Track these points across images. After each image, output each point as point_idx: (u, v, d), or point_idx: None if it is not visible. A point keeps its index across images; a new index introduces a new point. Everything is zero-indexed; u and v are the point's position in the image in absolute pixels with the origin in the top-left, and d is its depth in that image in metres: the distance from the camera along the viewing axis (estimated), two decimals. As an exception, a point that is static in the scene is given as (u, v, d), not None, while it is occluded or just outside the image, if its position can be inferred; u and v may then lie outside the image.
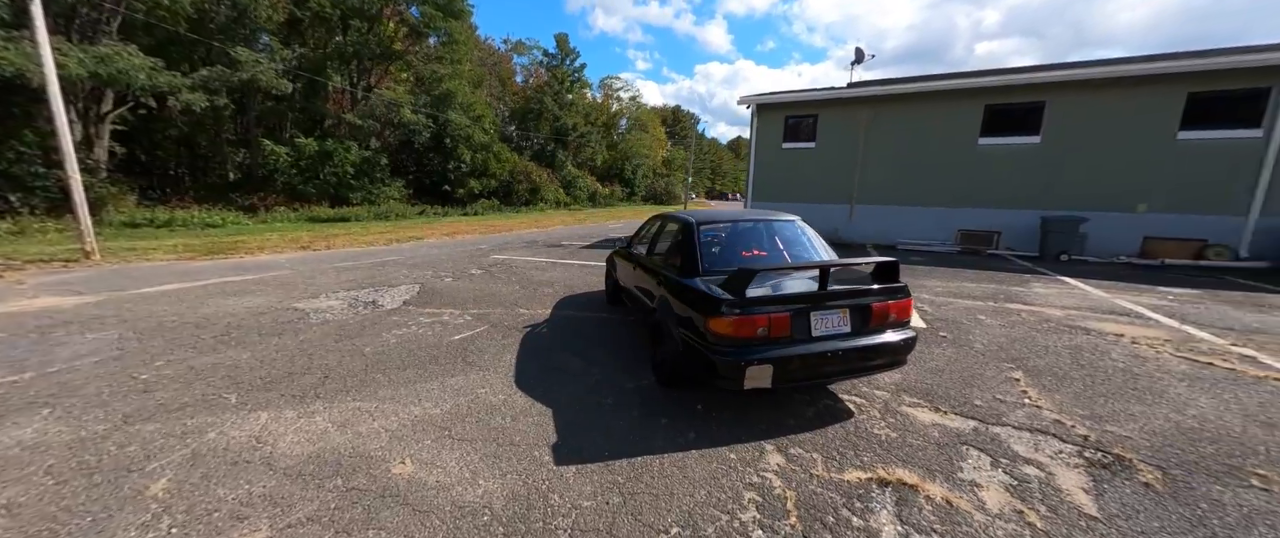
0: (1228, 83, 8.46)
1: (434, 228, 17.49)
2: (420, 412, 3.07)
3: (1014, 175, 9.99)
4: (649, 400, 3.22)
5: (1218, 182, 8.68)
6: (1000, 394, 3.28)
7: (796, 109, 11.81)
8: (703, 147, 70.01)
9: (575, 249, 11.45)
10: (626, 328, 4.89)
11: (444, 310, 5.59)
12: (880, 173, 11.17)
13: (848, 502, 2.18)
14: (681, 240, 3.58)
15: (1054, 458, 2.52)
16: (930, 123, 10.58)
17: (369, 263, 9.28)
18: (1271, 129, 8.22)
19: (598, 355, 4.10)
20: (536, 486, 2.31)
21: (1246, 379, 3.55)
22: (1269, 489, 2.24)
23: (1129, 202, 9.20)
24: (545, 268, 8.65)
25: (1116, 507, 2.14)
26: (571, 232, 16.57)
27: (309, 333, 4.72)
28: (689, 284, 3.09)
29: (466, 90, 26.57)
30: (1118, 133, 9.19)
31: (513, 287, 6.95)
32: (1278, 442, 2.67)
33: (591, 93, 42.33)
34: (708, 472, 2.41)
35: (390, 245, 12.47)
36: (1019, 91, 9.78)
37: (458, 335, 4.63)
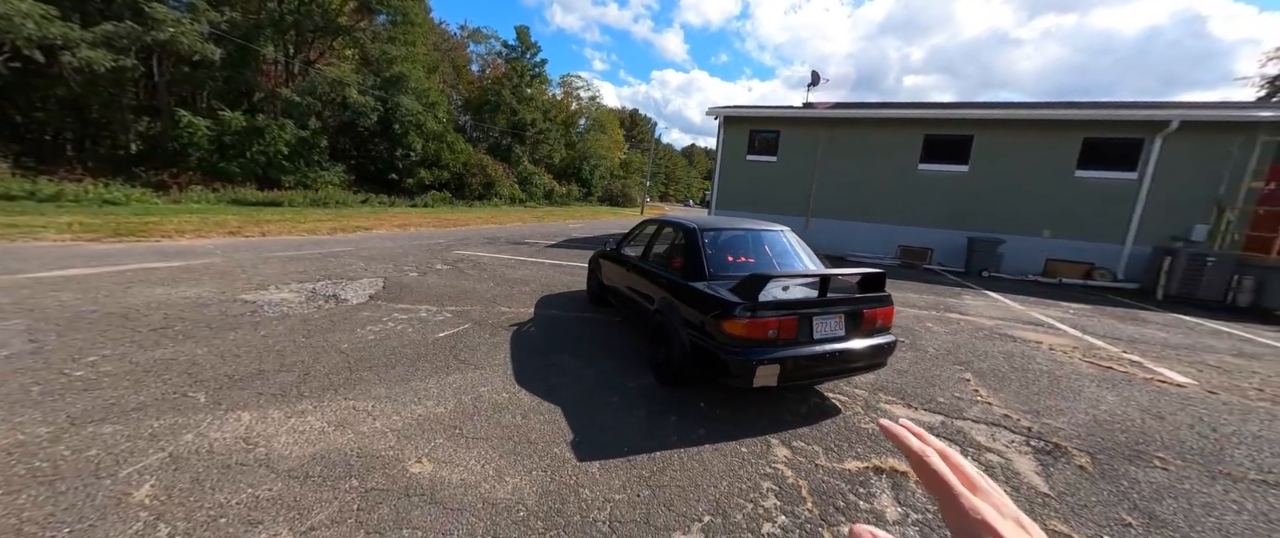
0: (1113, 132, 10.05)
1: (382, 219, 16.42)
2: (423, 411, 2.97)
3: (946, 199, 11.20)
4: (653, 399, 3.33)
5: (1102, 214, 10.27)
6: (957, 393, 3.74)
7: (761, 124, 12.45)
8: (658, 152, 71.08)
9: (542, 248, 11.28)
10: (615, 329, 4.96)
11: (419, 307, 5.35)
12: (834, 189, 12.05)
13: (852, 488, 2.42)
14: (685, 245, 3.73)
15: (1008, 447, 2.94)
16: (878, 147, 11.59)
17: (315, 253, 8.61)
18: (1144, 173, 9.87)
19: (593, 355, 4.14)
20: (565, 481, 2.35)
21: (1137, 381, 4.30)
22: (1167, 469, 2.78)
23: (1037, 227, 10.63)
24: (515, 266, 8.48)
25: (1062, 486, 2.55)
26: (532, 230, 16.25)
27: (269, 328, 4.35)
28: (698, 288, 3.24)
29: (420, 75, 25.17)
30: (1030, 167, 10.61)
31: (487, 284, 6.76)
32: (1167, 431, 3.28)
33: (551, 89, 41.65)
34: (725, 465, 2.57)
35: (334, 235, 11.60)
36: (952, 124, 10.99)
37: (442, 333, 4.48)
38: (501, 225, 17.44)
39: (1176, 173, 9.71)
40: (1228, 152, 9.41)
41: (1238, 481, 2.68)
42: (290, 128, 19.67)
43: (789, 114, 12.27)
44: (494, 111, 34.18)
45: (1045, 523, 2.22)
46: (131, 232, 9.33)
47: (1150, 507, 2.40)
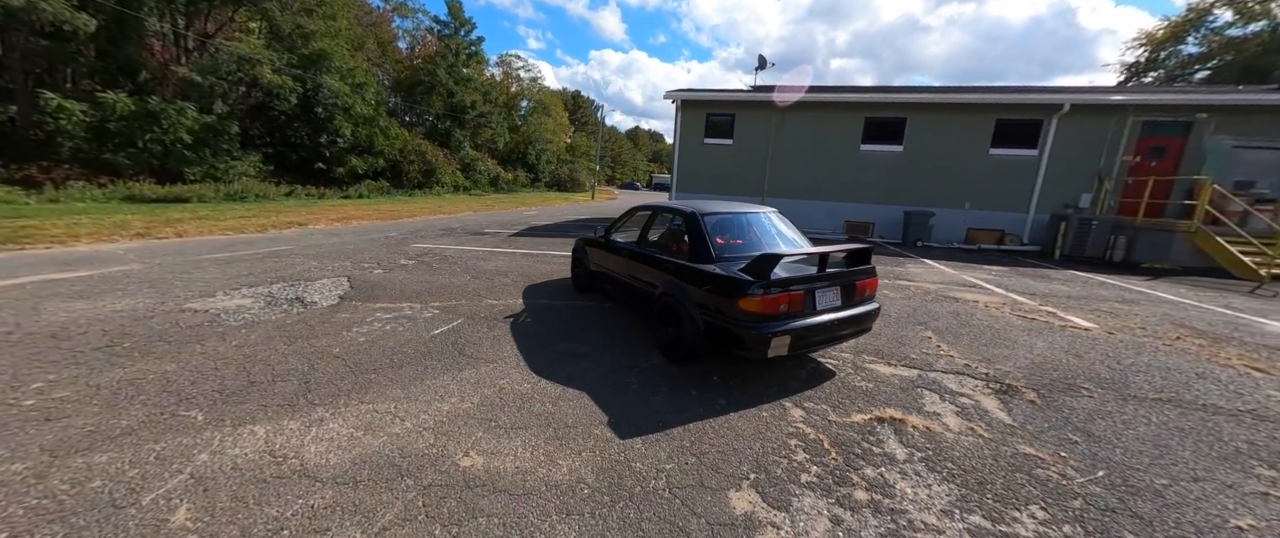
0: (1019, 114, 11.44)
1: (316, 213, 15.06)
2: (449, 408, 2.95)
3: (885, 176, 12.24)
4: (669, 377, 3.52)
5: (1011, 187, 11.74)
6: (924, 350, 4.27)
7: (717, 108, 12.77)
8: (603, 135, 70.18)
9: (505, 238, 10.98)
10: (610, 314, 5.06)
11: (401, 305, 5.13)
12: (786, 170, 12.73)
13: (864, 437, 2.77)
14: (688, 230, 3.90)
15: (974, 391, 3.46)
16: (825, 129, 12.35)
17: (252, 254, 7.86)
18: (1043, 150, 11.37)
19: (597, 340, 4.24)
20: (615, 458, 2.49)
21: (1055, 328, 5.12)
22: (1092, 397, 3.41)
23: (959, 200, 11.94)
24: (485, 257, 8.24)
25: (1021, 417, 3.07)
26: (486, 219, 15.67)
27: (239, 338, 4.02)
28: (709, 270, 3.44)
29: (345, 52, 22.92)
30: (954, 146, 11.83)
31: (463, 278, 6.56)
32: (1085, 367, 3.99)
33: (489, 70, 39.53)
34: (752, 429, 2.82)
35: (266, 233, 10.58)
36: (888, 108, 11.95)
37: (437, 330, 4.36)
38: (452, 216, 16.62)
39: (1067, 149, 11.28)
40: (1105, 130, 11.06)
41: (1142, 401, 3.37)
42: (192, 112, 17.28)
43: (743, 98, 12.69)
44: (428, 93, 31.99)
45: (1015, 448, 2.69)
46: (9, 238, 7.95)
47: (1087, 427, 2.97)
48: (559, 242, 10.51)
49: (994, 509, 2.18)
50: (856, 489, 2.29)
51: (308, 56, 21.16)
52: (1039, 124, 11.33)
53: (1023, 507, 2.20)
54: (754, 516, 2.10)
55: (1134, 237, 9.93)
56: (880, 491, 2.29)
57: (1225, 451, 2.74)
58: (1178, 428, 2.98)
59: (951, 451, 2.65)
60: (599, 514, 2.07)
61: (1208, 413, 3.20)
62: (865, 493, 2.26)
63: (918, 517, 2.11)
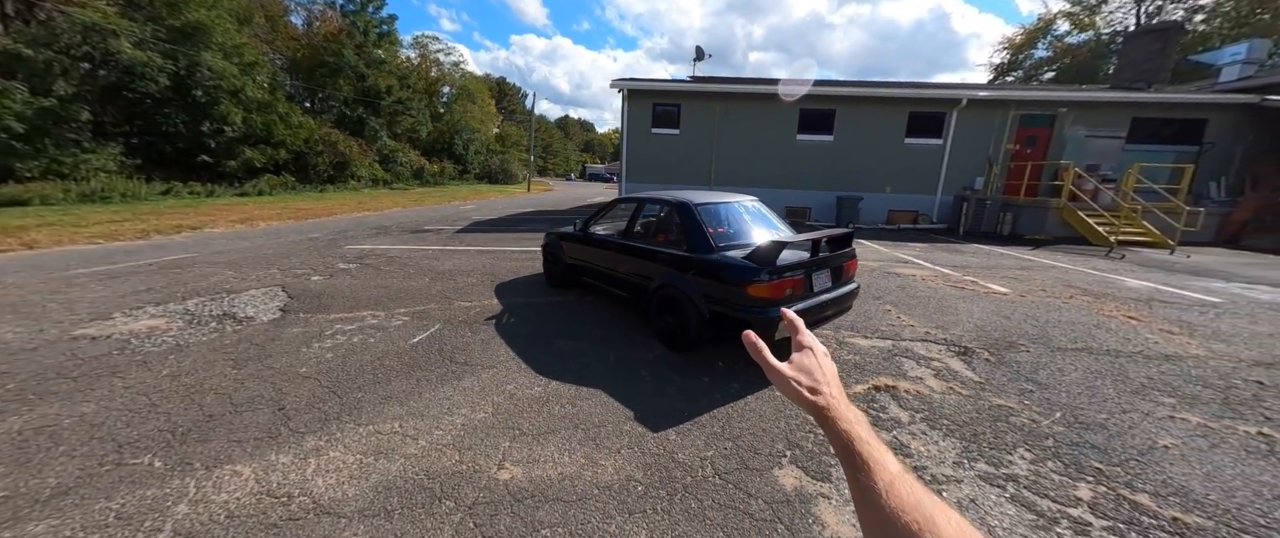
0: (927, 107, 12.86)
1: (210, 213, 13.00)
2: (463, 420, 2.76)
3: (819, 164, 13.19)
4: (677, 367, 3.56)
5: (922, 172, 13.22)
6: (889, 321, 4.73)
7: (663, 98, 12.86)
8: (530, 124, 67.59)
9: (451, 235, 10.28)
10: (594, 307, 4.98)
11: (360, 314, 4.64)
12: (731, 159, 13.22)
13: (869, 405, 3.03)
14: (681, 221, 3.93)
15: (940, 354, 3.91)
16: (765, 120, 12.99)
17: (141, 264, 6.70)
18: (946, 139, 12.91)
19: (593, 336, 4.17)
20: (655, 452, 2.49)
21: (981, 294, 5.91)
22: (1029, 351, 4.00)
23: (881, 185, 13.22)
24: (437, 257, 7.67)
25: (984, 374, 3.53)
26: (420, 215, 14.52)
27: (169, 365, 3.42)
28: (713, 259, 3.51)
29: (229, 26, 19.71)
30: (875, 136, 13.03)
31: (421, 280, 6.07)
32: (1014, 326, 4.66)
33: (403, 51, 36.15)
34: (772, 408, 2.96)
35: (148, 238, 9.02)
36: (820, 100, 12.84)
37: (414, 339, 4.01)
38: (378, 212, 15.19)
39: (965, 138, 12.92)
40: (993, 122, 12.81)
41: (1064, 351, 4.02)
42: (20, 94, 13.95)
43: (688, 88, 12.91)
44: (334, 76, 28.59)
45: (990, 401, 3.10)
46: None
47: (1034, 377, 3.49)
48: (511, 237, 10.06)
49: (992, 456, 2.50)
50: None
51: (180, 29, 17.93)
52: (943, 116, 12.84)
53: (1012, 451, 2.55)
54: (803, 489, 2.22)
55: (1018, 213, 11.68)
56: (899, 452, 2.52)
57: (1134, 386, 3.37)
58: (1096, 371, 3.61)
59: (942, 409, 2.99)
60: (662, 510, 2.08)
61: (1112, 357, 3.90)
62: (888, 455, 2.49)
63: (937, 471, 2.37)
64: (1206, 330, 4.63)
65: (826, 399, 0.53)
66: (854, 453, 0.47)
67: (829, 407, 0.52)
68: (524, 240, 9.53)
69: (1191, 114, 12.55)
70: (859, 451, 0.47)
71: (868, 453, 0.46)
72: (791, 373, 0.56)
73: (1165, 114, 12.61)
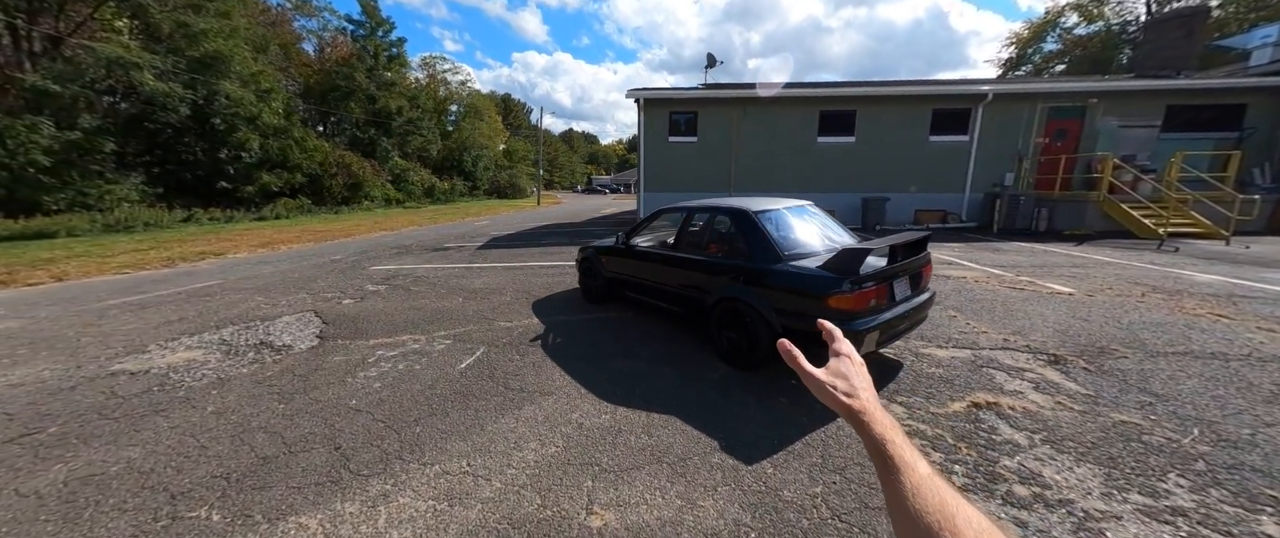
0: (951, 103, 12.57)
1: (231, 239, 13.06)
2: (534, 456, 2.52)
3: (840, 166, 12.91)
4: (747, 387, 3.30)
5: (949, 170, 12.88)
6: (959, 329, 4.42)
7: (679, 106, 12.74)
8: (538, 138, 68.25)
9: (473, 252, 10.14)
10: (643, 323, 4.73)
11: (401, 338, 4.45)
12: (750, 164, 13.01)
13: (976, 426, 2.73)
14: (741, 230, 3.70)
15: (1030, 364, 3.59)
16: (784, 123, 12.78)
17: (170, 293, 6.62)
18: (972, 135, 12.58)
19: (648, 354, 3.93)
20: (758, 489, 2.23)
21: (1044, 295, 5.57)
22: (1126, 357, 3.68)
23: (906, 184, 12.90)
24: (465, 275, 7.50)
25: (1088, 385, 3.22)
26: (438, 233, 14.46)
27: (212, 402, 3.24)
28: (784, 269, 3.27)
29: (246, 55, 20.10)
30: (898, 135, 12.74)
31: (454, 300, 5.88)
32: (1098, 329, 4.32)
33: (411, 72, 36.73)
34: (869, 432, 2.68)
35: (174, 267, 9.01)
36: (839, 101, 12.61)
37: (462, 364, 3.80)
38: (394, 231, 15.18)
39: (992, 134, 12.58)
40: (1021, 116, 12.47)
41: (1166, 356, 3.68)
42: (48, 128, 14.23)
43: (704, 95, 12.78)
44: (345, 99, 29.07)
45: (1110, 418, 2.79)
46: None
47: (1146, 386, 3.17)
48: (535, 252, 9.89)
49: (1142, 485, 2.20)
50: (1011, 484, 2.22)
51: (199, 60, 18.29)
52: (968, 112, 12.52)
53: (1163, 478, 2.24)
54: (940, 532, 1.94)
55: (1053, 208, 11.27)
56: (1033, 482, 2.23)
57: (1264, 393, 3.04)
58: (1213, 378, 3.28)
59: (1060, 428, 2.69)
60: (787, 561, 1.81)
61: (1223, 361, 3.56)
62: (1022, 487, 2.20)
63: (1086, 505, 2.07)
64: (1309, 327, 4.26)
65: (862, 403, 0.54)
66: (887, 455, 0.47)
67: (864, 410, 0.53)
68: (549, 255, 9.35)
69: (1229, 99, 12.10)
70: (892, 454, 0.47)
71: (900, 455, 0.47)
72: (827, 378, 0.57)
73: (1201, 101, 12.17)
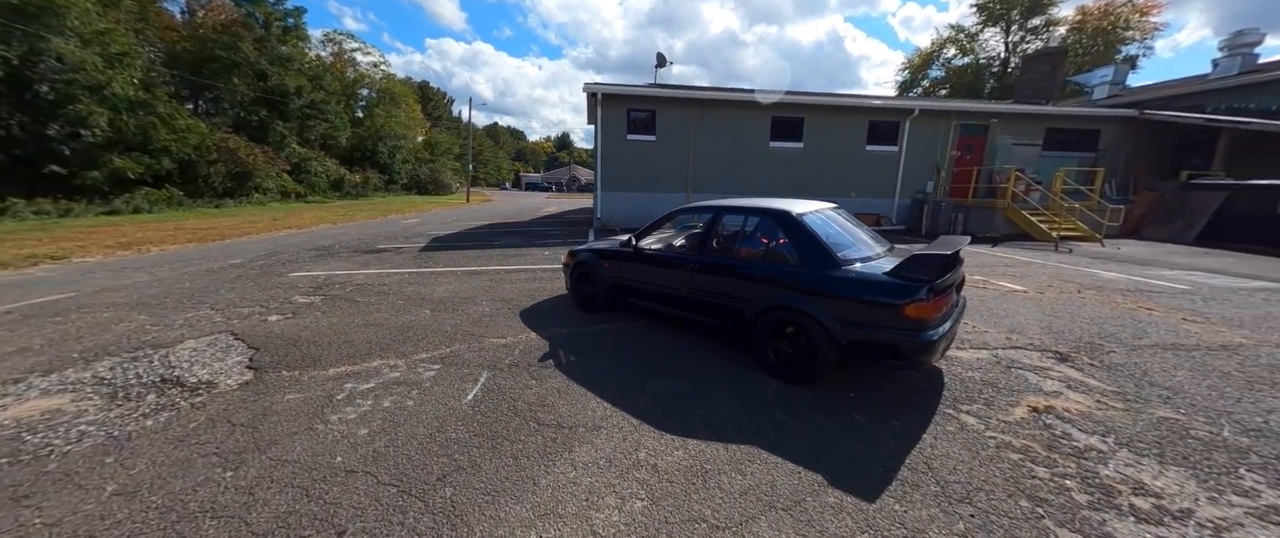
0: (885, 117, 13.67)
1: (77, 237, 10.28)
2: (621, 517, 2.02)
3: (792, 170, 13.45)
4: (811, 404, 3.04)
5: (882, 177, 14.01)
6: (962, 329, 4.57)
7: (637, 103, 12.37)
8: (461, 131, 63.89)
9: (415, 254, 8.90)
10: (658, 333, 4.29)
11: (370, 364, 3.59)
12: (707, 166, 13.05)
13: (1050, 433, 2.71)
14: (789, 234, 3.44)
15: (1043, 361, 3.77)
16: (740, 126, 13.00)
17: (4, 316, 4.92)
18: (901, 146, 13.79)
19: (686, 371, 3.52)
20: (883, 524, 1.95)
21: (1005, 293, 6.06)
22: (1114, 351, 4.01)
23: (847, 190, 13.79)
24: (419, 281, 6.47)
25: (1107, 381, 3.41)
26: (359, 232, 12.65)
27: (108, 477, 2.28)
28: (848, 276, 3.06)
29: (88, 7, 16.04)
30: (840, 143, 13.58)
31: (421, 312, 4.98)
32: (1072, 325, 4.72)
33: (312, 49, 32.17)
34: (962, 450, 2.54)
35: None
36: (790, 108, 13.13)
37: (469, 394, 3.11)
38: (304, 230, 13.06)
39: (916, 146, 13.90)
40: (939, 131, 13.93)
41: (1140, 349, 4.08)
42: None
43: (664, 93, 12.57)
44: (227, 73, 24.62)
45: (1152, 414, 2.94)
46: None
47: (1152, 380, 3.42)
48: (494, 253, 8.94)
49: (1233, 485, 2.26)
50: (1125, 495, 2.17)
51: (15, 7, 14.23)
52: (897, 125, 13.71)
53: (1239, 474, 2.34)
54: (1107, 563, 1.80)
55: (968, 213, 12.71)
56: (1144, 492, 2.20)
57: (1240, 381, 3.42)
58: (1192, 368, 3.64)
59: (1120, 428, 2.75)
60: (993, 628, 1.53)
61: (1184, 352, 4.00)
62: (1139, 499, 2.15)
63: (1205, 513, 2.07)
64: (1217, 316, 5.04)
65: None
66: None
67: None
68: (511, 258, 8.49)
69: (1088, 125, 14.57)
70: None
71: None
72: None
73: (1069, 125, 14.52)
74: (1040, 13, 34.16)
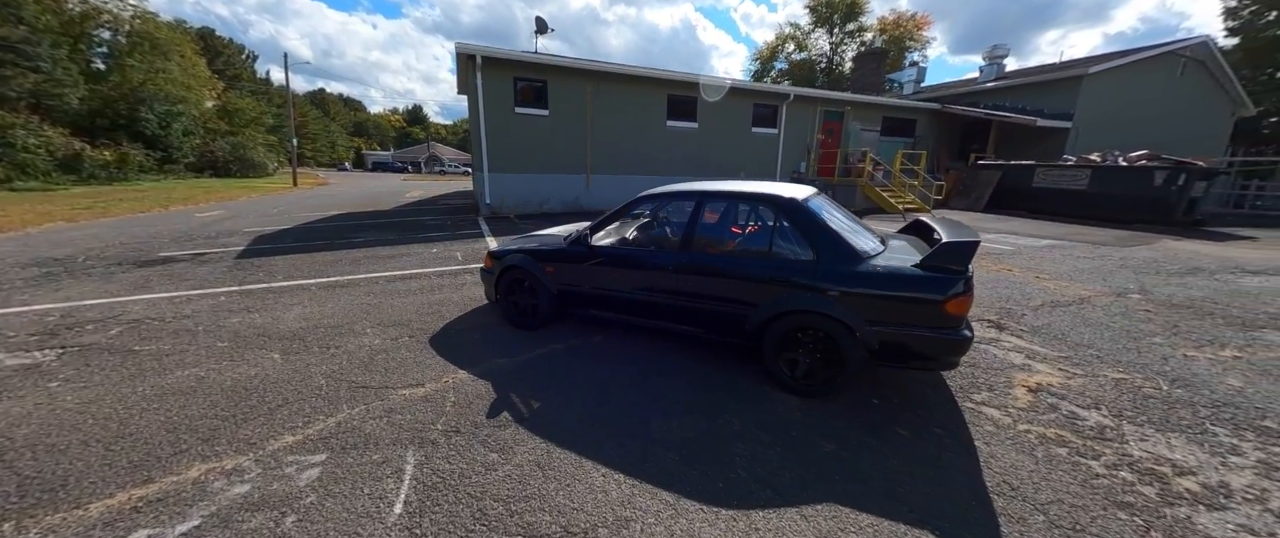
0: (767, 101, 14.43)
1: None
2: None
3: (688, 151, 13.38)
4: (840, 421, 2.61)
5: (765, 158, 14.89)
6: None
7: (525, 71, 10.73)
8: (273, 97, 51.04)
9: (231, 263, 6.35)
10: (623, 348, 3.47)
11: (182, 478, 2.09)
12: (607, 145, 12.15)
13: (1061, 414, 2.72)
14: (795, 225, 2.92)
15: (986, 331, 4.01)
16: (638, 103, 12.34)
17: None
18: (780, 129, 14.79)
19: (688, 402, 2.81)
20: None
21: (906, 266, 6.66)
22: (1025, 313, 4.49)
23: (737, 171, 14.32)
24: (248, 304, 4.48)
25: (1050, 347, 3.72)
26: (125, 230, 8.80)
27: None
28: (875, 271, 2.66)
29: None
30: (730, 125, 13.95)
31: (262, 359, 3.32)
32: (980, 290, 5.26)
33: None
34: (1012, 444, 2.36)
35: None
36: (683, 86, 12.92)
37: (395, 506, 1.94)
38: (12, 234, 8.64)
39: (792, 129, 15.05)
40: (808, 116, 15.29)
41: (1038, 309, 4.65)
42: None
43: (556, 63, 11.10)
44: None
45: (1109, 377, 3.20)
46: None
47: (1078, 341, 3.84)
48: (357, 255, 6.87)
49: (1222, 444, 2.45)
50: (1177, 480, 2.18)
51: None
52: (777, 109, 14.62)
53: (1211, 431, 2.57)
54: (1238, 575, 1.67)
55: (835, 191, 14.29)
56: (1183, 473, 2.24)
57: (1120, 331, 4.03)
58: (1086, 323, 4.22)
59: (1104, 397, 2.91)
60: None
61: (1067, 308, 4.69)
62: (1189, 481, 2.17)
63: (1237, 480, 2.15)
64: (1052, 273, 6.15)
65: None
66: None
67: None
68: (386, 260, 6.61)
69: (909, 115, 17.53)
70: None
71: None
72: None
73: (898, 114, 17.27)
74: (854, 19, 40.56)
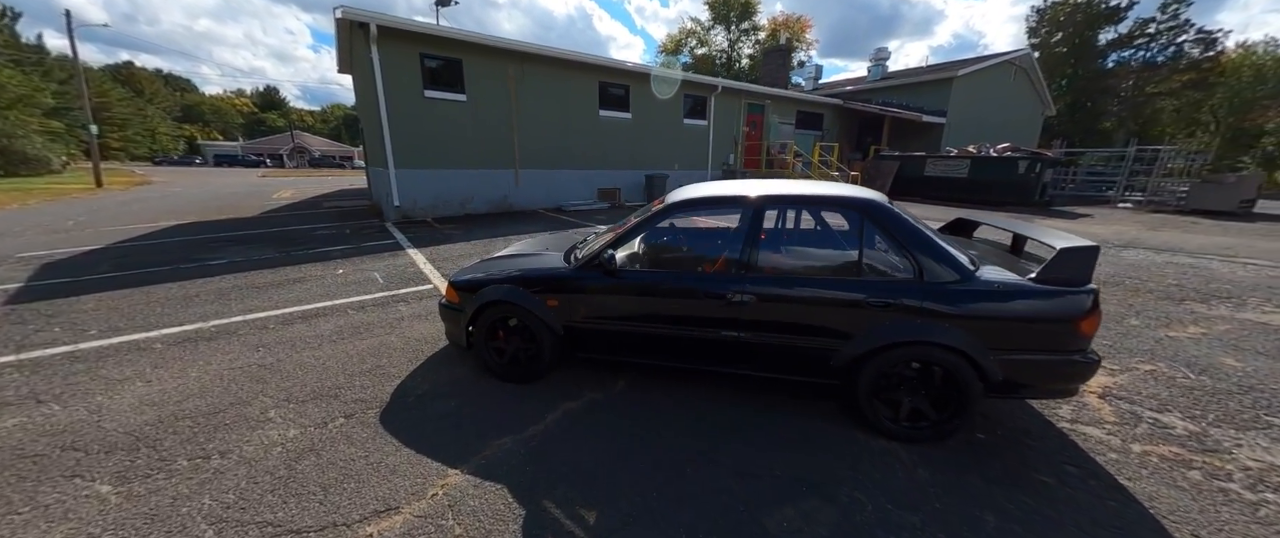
0: (697, 92, 14.18)
1: None
2: None
3: (622, 143, 12.60)
4: (970, 475, 2.19)
5: (696, 150, 14.72)
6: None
7: (435, 46, 8.95)
8: (53, 70, 38.80)
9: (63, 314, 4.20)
10: (665, 397, 2.70)
11: None
12: (536, 136, 10.85)
13: (1142, 422, 2.61)
14: (897, 236, 2.39)
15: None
16: (567, 90, 11.19)
17: None
18: (710, 121, 14.70)
19: (768, 467, 2.17)
20: None
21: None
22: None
23: (672, 162, 13.94)
24: (41, 382, 2.82)
25: (1060, 341, 3.76)
26: None
27: None
28: (992, 288, 2.24)
29: None
30: (662, 116, 13.46)
31: (86, 491, 1.96)
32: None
33: None
34: (1151, 476, 2.12)
35: None
36: (615, 74, 12.08)
37: None
38: None
39: (720, 121, 15.07)
40: (734, 109, 15.43)
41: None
42: None
43: (472, 39, 9.43)
44: None
45: (1138, 370, 3.24)
46: None
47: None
48: (221, 285, 5.04)
49: (1227, 428, 2.48)
50: (1304, 492, 2.08)
51: None
52: (707, 100, 14.48)
53: (1264, 420, 2.62)
54: None
55: (764, 183, 14.65)
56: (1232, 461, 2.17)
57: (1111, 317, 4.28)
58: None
59: (1161, 397, 2.89)
60: None
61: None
62: (1313, 491, 2.09)
63: None
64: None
65: None
66: None
67: None
68: (274, 291, 4.92)
69: (818, 109, 18.72)
70: None
71: None
72: None
73: (809, 109, 18.33)
74: (748, 18, 42.84)
